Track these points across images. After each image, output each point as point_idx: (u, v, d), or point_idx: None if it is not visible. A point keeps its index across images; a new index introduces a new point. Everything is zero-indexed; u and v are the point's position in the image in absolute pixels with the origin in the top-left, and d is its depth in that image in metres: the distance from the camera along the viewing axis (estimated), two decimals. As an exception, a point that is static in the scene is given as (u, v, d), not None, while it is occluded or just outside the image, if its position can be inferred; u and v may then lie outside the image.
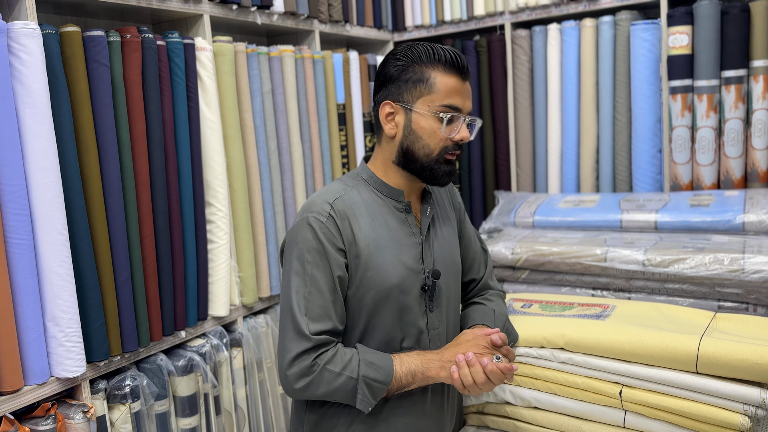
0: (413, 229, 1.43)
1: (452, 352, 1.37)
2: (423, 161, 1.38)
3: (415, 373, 1.34)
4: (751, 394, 1.29)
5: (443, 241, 1.50)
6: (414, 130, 1.38)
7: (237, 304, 2.19)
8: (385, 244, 1.37)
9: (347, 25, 2.81)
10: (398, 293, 1.37)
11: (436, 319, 1.45)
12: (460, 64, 1.37)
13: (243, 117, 2.21)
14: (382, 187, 1.43)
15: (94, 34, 1.69)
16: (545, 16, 2.74)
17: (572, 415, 1.51)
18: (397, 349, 1.41)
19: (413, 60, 1.37)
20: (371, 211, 1.40)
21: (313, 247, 1.32)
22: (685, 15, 2.40)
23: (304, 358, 1.31)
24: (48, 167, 1.57)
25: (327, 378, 1.30)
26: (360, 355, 1.33)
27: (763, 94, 2.33)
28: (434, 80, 1.36)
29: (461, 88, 1.38)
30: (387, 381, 1.32)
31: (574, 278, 2.11)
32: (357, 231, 1.36)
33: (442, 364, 1.34)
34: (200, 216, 2.02)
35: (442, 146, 1.38)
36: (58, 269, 1.59)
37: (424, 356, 1.36)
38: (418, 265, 1.42)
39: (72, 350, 1.63)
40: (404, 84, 1.38)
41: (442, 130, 1.36)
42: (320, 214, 1.34)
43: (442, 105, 1.36)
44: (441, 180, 1.41)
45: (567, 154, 2.76)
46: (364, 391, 1.31)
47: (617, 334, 1.45)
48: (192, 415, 1.97)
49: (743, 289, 1.84)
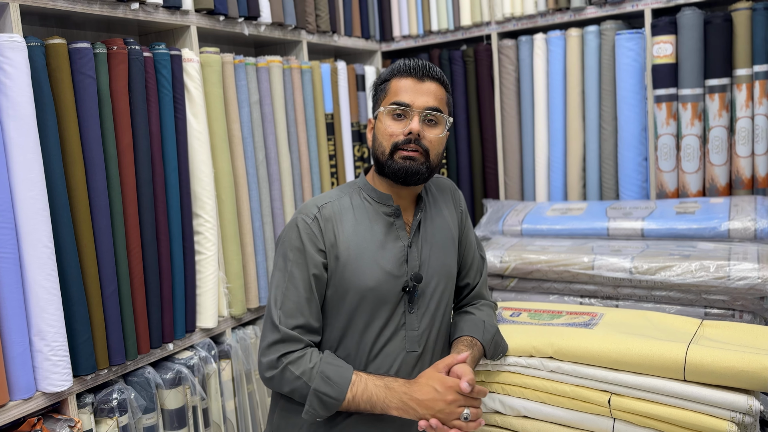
0: (400, 233, 1.48)
1: (416, 400, 1.32)
2: (381, 160, 1.46)
3: (375, 405, 1.35)
4: (738, 401, 1.30)
5: (435, 246, 1.52)
6: (376, 136, 1.49)
7: (225, 315, 2.18)
8: (366, 248, 1.43)
9: (335, 35, 2.81)
10: (375, 296, 1.42)
11: (415, 321, 1.47)
12: (415, 68, 1.45)
13: (231, 127, 2.21)
14: (373, 193, 1.50)
15: (80, 46, 1.68)
16: (531, 26, 2.77)
17: (562, 423, 1.51)
18: (373, 348, 1.43)
19: (383, 77, 1.51)
20: (359, 216, 1.46)
21: (296, 246, 1.42)
22: (668, 25, 2.43)
23: (272, 350, 1.38)
24: (33, 180, 1.56)
25: (288, 377, 1.37)
26: (321, 366, 1.36)
27: (746, 102, 2.36)
28: (390, 85, 1.47)
29: (413, 86, 1.45)
30: (339, 398, 1.34)
31: (562, 286, 2.12)
32: (339, 234, 1.43)
33: (405, 409, 1.33)
34: (188, 227, 2.01)
35: (393, 142, 1.44)
36: (44, 282, 1.58)
37: (389, 391, 1.35)
38: (401, 268, 1.45)
39: (58, 364, 1.61)
40: (375, 99, 1.53)
41: (390, 125, 1.44)
42: (307, 216, 1.43)
43: (391, 103, 1.45)
44: (400, 177, 1.44)
45: (554, 162, 2.77)
46: (312, 403, 1.35)
47: (605, 343, 1.46)
48: (180, 428, 1.95)
49: (729, 295, 1.85)
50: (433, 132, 1.46)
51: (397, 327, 1.45)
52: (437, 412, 1.30)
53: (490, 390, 1.59)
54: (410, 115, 1.43)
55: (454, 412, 1.31)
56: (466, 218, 1.67)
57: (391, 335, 1.44)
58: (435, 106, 1.45)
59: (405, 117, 1.44)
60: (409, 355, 1.45)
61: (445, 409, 1.30)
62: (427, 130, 1.45)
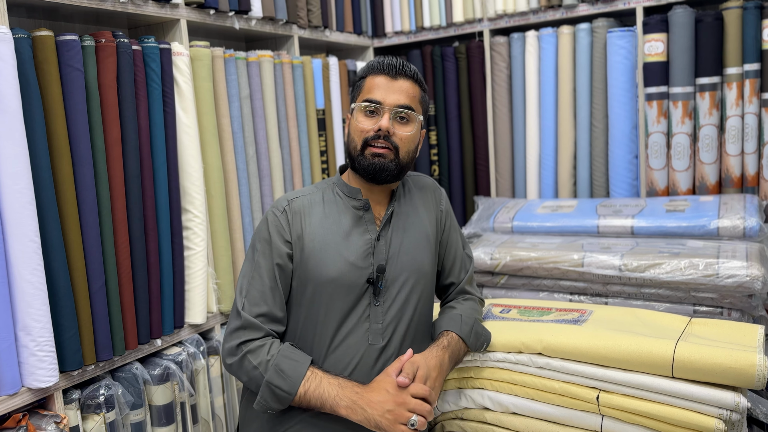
0: (369, 226, 1.51)
1: (366, 400, 1.33)
2: (353, 155, 1.49)
3: (325, 403, 1.35)
4: (726, 397, 1.30)
5: (406, 241, 1.53)
6: (349, 131, 1.52)
7: (214, 311, 2.17)
8: (331, 240, 1.46)
9: (327, 30, 2.80)
10: (336, 287, 1.44)
11: (380, 313, 1.47)
12: (388, 65, 1.48)
13: (220, 122, 2.19)
14: (344, 187, 1.54)
15: (68, 38, 1.66)
16: (523, 23, 2.77)
17: (550, 420, 1.51)
18: (335, 338, 1.44)
19: (360, 74, 1.54)
20: (328, 210, 1.50)
21: (264, 237, 1.47)
22: (660, 23, 2.44)
23: (234, 337, 1.42)
24: (20, 173, 1.54)
25: (246, 366, 1.39)
26: (277, 358, 1.37)
27: (736, 100, 2.37)
28: (365, 83, 1.51)
29: (385, 84, 1.47)
30: (291, 392, 1.35)
31: (552, 283, 2.12)
32: (306, 226, 1.46)
33: (353, 408, 1.33)
34: (176, 222, 2.00)
35: (363, 138, 1.46)
36: (30, 277, 1.56)
37: (341, 389, 1.35)
38: (366, 260, 1.47)
39: (44, 360, 1.60)
40: (351, 96, 1.56)
41: (362, 121, 1.47)
42: (277, 209, 1.49)
43: (364, 100, 1.47)
44: (369, 173, 1.46)
45: (545, 159, 2.78)
46: (264, 394, 1.37)
47: (594, 339, 1.46)
48: (168, 424, 1.94)
49: (718, 293, 1.86)
50: (403, 130, 1.47)
51: (361, 318, 1.46)
52: (386, 412, 1.30)
53: (478, 386, 1.59)
54: (381, 112, 1.46)
55: (402, 414, 1.30)
56: (448, 217, 1.67)
57: (353, 326, 1.45)
58: (406, 104, 1.47)
59: (377, 114, 1.47)
60: (372, 347, 1.46)
61: (395, 410, 1.30)
62: (398, 127, 1.47)
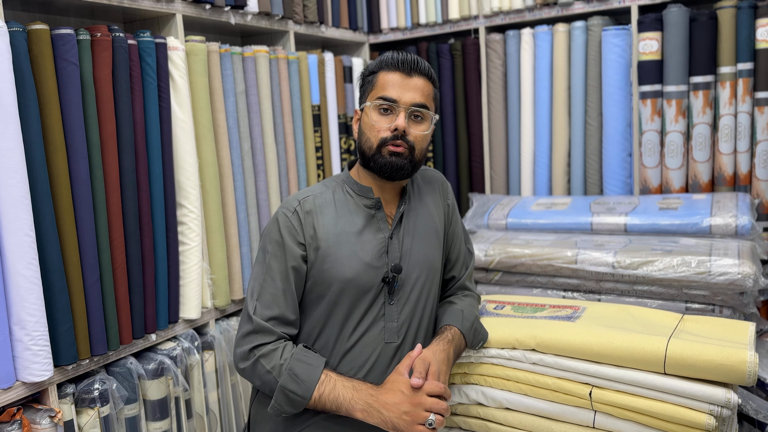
0: (381, 225, 1.49)
1: (381, 402, 1.33)
2: (367, 155, 1.46)
3: (340, 406, 1.35)
4: (717, 394, 1.31)
5: (418, 238, 1.53)
6: (362, 129, 1.49)
7: (209, 306, 2.17)
8: (345, 240, 1.44)
9: (322, 26, 2.80)
10: (353, 287, 1.43)
11: (395, 312, 1.47)
12: (403, 62, 1.45)
13: (216, 117, 2.19)
14: (354, 186, 1.51)
15: (63, 32, 1.66)
16: (519, 21, 2.77)
17: (543, 415, 1.52)
18: (351, 338, 1.44)
19: (371, 69, 1.50)
20: (339, 210, 1.48)
21: (275, 239, 1.44)
22: (654, 21, 2.45)
23: (246, 341, 1.40)
24: (15, 167, 1.54)
25: (259, 371, 1.38)
26: (291, 362, 1.36)
27: (729, 99, 2.38)
28: (377, 78, 1.47)
29: (400, 81, 1.44)
30: (305, 396, 1.34)
31: (546, 280, 2.13)
32: (319, 227, 1.44)
33: (369, 411, 1.33)
34: (171, 217, 2.00)
35: (380, 138, 1.44)
36: (25, 271, 1.56)
37: (356, 392, 1.35)
38: (380, 259, 1.46)
39: (39, 354, 1.60)
40: (362, 90, 1.53)
41: (377, 120, 1.44)
42: (288, 210, 1.45)
43: (378, 97, 1.44)
44: (385, 172, 1.45)
45: (539, 157, 2.79)
46: (278, 399, 1.36)
47: (587, 336, 1.47)
48: (163, 419, 1.94)
49: (710, 290, 1.88)
50: (418, 128, 1.46)
51: (376, 318, 1.46)
52: (402, 414, 1.30)
53: (472, 382, 1.60)
54: (396, 111, 1.44)
55: (419, 415, 1.30)
56: (454, 211, 1.67)
57: (369, 326, 1.45)
58: (422, 102, 1.45)
59: (391, 112, 1.44)
60: (388, 346, 1.46)
61: (411, 411, 1.30)
62: (413, 126, 1.45)
